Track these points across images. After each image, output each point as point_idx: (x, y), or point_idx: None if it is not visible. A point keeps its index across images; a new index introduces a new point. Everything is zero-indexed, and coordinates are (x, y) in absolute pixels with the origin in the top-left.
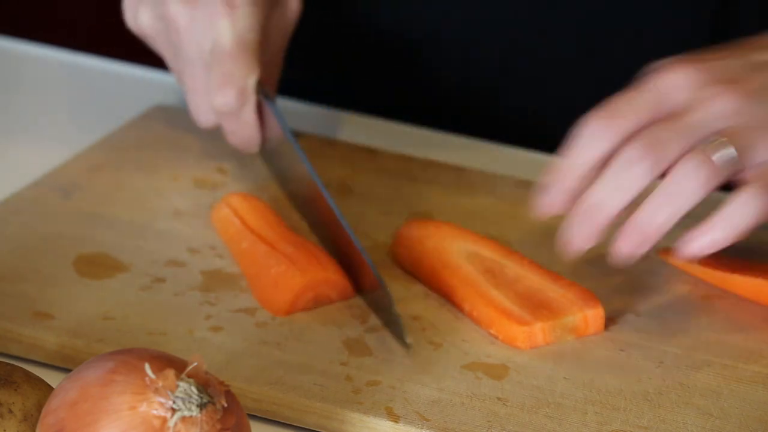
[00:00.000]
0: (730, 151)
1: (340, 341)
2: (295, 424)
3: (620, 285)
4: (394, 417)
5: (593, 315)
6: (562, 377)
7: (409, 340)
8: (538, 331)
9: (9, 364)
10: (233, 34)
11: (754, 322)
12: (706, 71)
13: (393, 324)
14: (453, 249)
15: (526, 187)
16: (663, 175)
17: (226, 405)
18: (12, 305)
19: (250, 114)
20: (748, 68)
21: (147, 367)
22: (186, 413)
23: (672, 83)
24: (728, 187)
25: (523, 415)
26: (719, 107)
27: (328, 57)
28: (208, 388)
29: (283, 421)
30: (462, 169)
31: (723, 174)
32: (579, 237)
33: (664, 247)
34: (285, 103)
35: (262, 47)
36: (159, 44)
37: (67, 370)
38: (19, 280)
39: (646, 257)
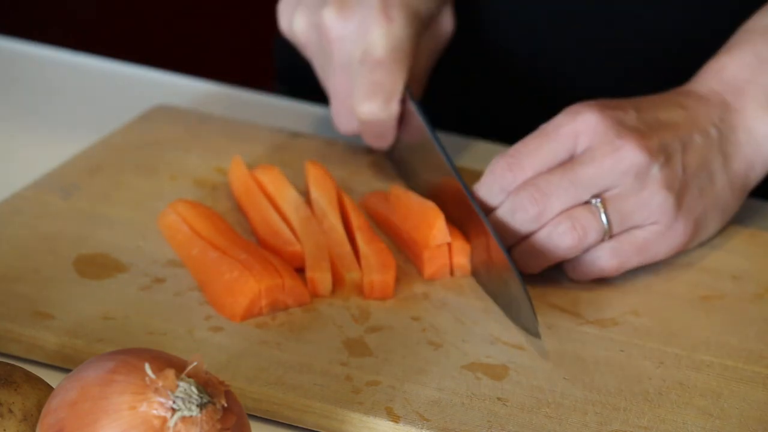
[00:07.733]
0: (601, 223)
1: (340, 341)
2: (295, 424)
3: (620, 285)
4: (394, 417)
5: (379, 280)
6: (562, 377)
7: (539, 328)
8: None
9: (9, 364)
10: (387, 45)
11: (754, 322)
12: (612, 120)
13: (522, 308)
14: (288, 194)
15: None
16: None
17: (226, 405)
18: (12, 305)
19: (392, 122)
20: (652, 124)
21: (147, 367)
22: (186, 413)
23: (578, 129)
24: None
25: (523, 415)
26: (615, 164)
27: None
28: (208, 388)
29: (283, 421)
30: (461, 169)
31: (590, 240)
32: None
33: None
34: (285, 103)
35: (412, 62)
36: (310, 50)
37: (67, 370)
38: (19, 280)
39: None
